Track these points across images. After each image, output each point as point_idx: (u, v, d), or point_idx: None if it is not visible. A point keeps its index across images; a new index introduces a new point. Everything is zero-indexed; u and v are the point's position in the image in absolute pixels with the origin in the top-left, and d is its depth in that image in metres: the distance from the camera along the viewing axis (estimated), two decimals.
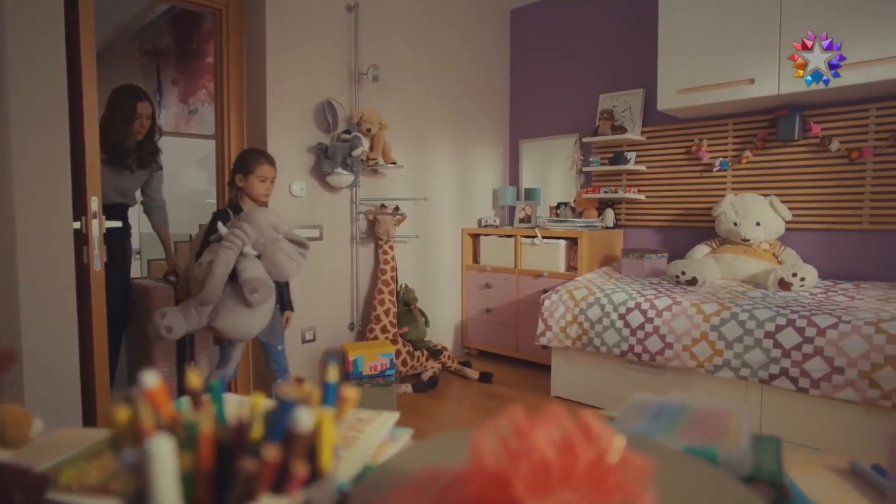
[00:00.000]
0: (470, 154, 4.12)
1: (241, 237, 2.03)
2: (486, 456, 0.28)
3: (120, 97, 2.60)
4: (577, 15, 3.98)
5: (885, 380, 2.04)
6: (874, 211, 2.86)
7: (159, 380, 0.32)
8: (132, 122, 2.59)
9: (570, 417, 0.31)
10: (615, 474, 0.28)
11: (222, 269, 1.98)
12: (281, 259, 2.08)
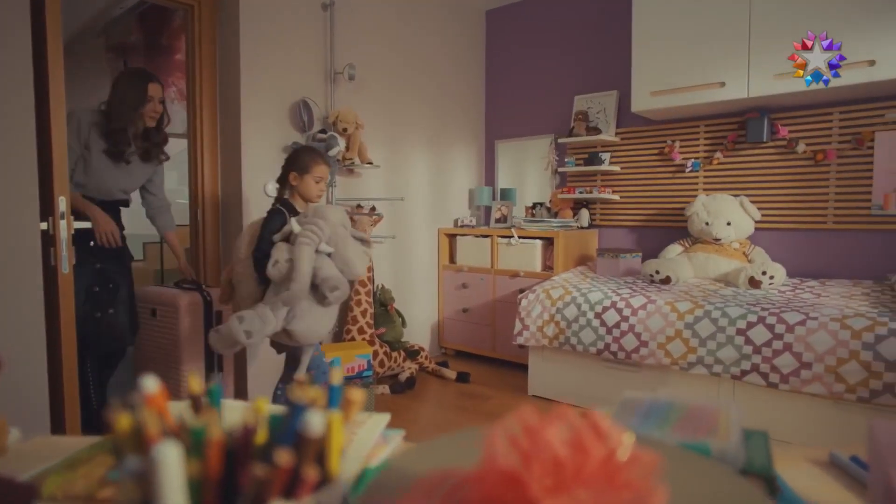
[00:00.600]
0: (446, 154, 4.12)
1: (318, 234, 1.93)
2: (500, 455, 0.28)
3: (128, 80, 2.37)
4: (552, 17, 4.02)
5: (849, 374, 2.11)
6: (838, 211, 2.96)
7: (159, 385, 0.31)
8: (142, 106, 2.35)
9: (578, 416, 0.31)
10: (626, 471, 0.29)
11: (308, 265, 1.88)
12: (352, 257, 2.00)
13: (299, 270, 1.86)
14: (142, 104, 2.34)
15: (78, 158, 2.29)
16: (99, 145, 2.31)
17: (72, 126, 2.22)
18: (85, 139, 2.29)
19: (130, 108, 2.32)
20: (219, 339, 1.93)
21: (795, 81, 2.70)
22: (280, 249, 1.96)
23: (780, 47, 2.72)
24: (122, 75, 2.42)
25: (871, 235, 2.89)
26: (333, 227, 1.99)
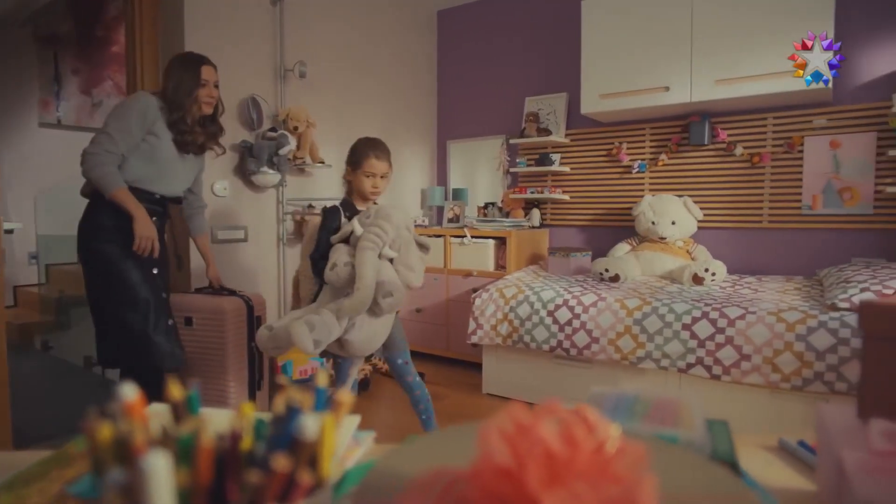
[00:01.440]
0: (398, 154, 4.09)
1: (381, 237, 1.78)
2: (495, 452, 0.28)
3: (180, 63, 2.14)
4: (503, 19, 4.07)
5: (784, 364, 2.23)
6: (772, 211, 3.13)
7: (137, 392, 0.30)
8: (196, 90, 2.11)
9: (567, 410, 0.32)
10: (615, 463, 0.29)
11: (372, 272, 1.73)
12: (416, 263, 1.85)
13: (362, 277, 1.72)
14: (196, 88, 2.11)
15: (135, 146, 2.03)
16: (167, 134, 2.09)
17: (136, 107, 2.02)
18: (150, 125, 2.05)
19: (185, 93, 2.09)
20: (270, 338, 1.78)
21: (734, 87, 2.84)
22: (339, 252, 1.82)
23: (721, 55, 2.85)
24: (174, 59, 2.18)
25: (802, 234, 3.07)
26: (398, 230, 1.84)
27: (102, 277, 2.01)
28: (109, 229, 1.99)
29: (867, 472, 0.44)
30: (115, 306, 2.01)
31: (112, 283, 2.00)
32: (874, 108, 2.83)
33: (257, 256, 3.14)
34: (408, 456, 0.36)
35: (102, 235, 2.00)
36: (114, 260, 1.99)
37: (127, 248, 1.98)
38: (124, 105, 2.03)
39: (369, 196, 2.03)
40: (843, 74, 2.86)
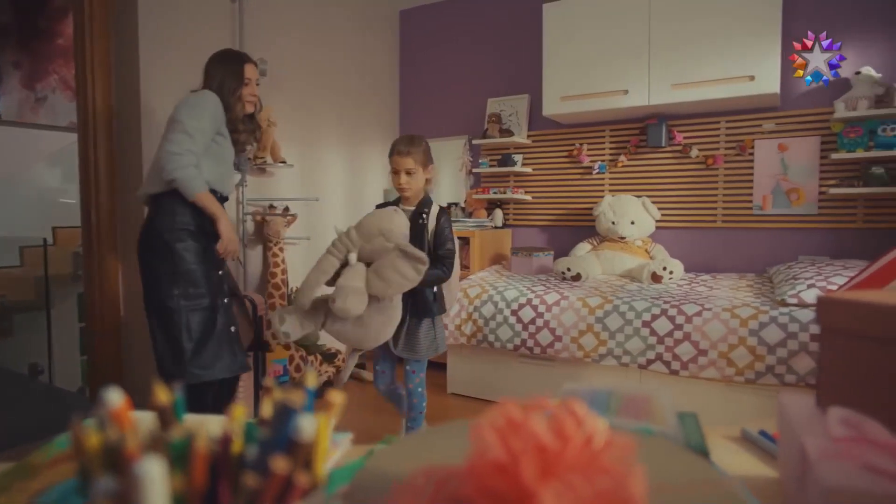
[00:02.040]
0: (361, 153, 4.07)
1: (345, 244, 1.82)
2: (490, 447, 0.29)
3: (221, 62, 2.10)
4: (466, 20, 4.09)
5: (738, 359, 2.32)
6: (726, 211, 3.25)
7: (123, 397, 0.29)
8: (239, 89, 2.08)
9: (556, 405, 0.32)
10: (604, 455, 0.30)
11: (315, 275, 1.80)
12: (388, 273, 1.80)
13: (305, 279, 1.81)
14: (240, 87, 2.08)
15: (206, 147, 1.98)
16: (227, 133, 2.08)
17: (210, 107, 1.97)
18: (219, 125, 2.02)
19: (230, 92, 2.05)
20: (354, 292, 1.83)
21: (690, 92, 2.94)
22: None
23: (677, 60, 2.95)
24: (214, 58, 2.13)
25: (753, 233, 3.20)
26: (369, 237, 1.83)
27: (172, 277, 1.94)
28: (188, 230, 1.96)
29: (828, 457, 0.46)
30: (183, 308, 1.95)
31: (180, 282, 1.94)
32: (818, 113, 2.98)
33: None
34: (396, 455, 0.36)
35: (181, 236, 1.95)
36: (189, 260, 1.95)
37: (201, 250, 1.98)
38: (197, 104, 1.96)
39: (398, 191, 2.05)
40: (790, 81, 2.99)
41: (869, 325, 0.53)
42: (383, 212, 1.89)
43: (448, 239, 2.03)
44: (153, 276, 1.97)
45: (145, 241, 1.99)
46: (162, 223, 1.95)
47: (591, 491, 0.27)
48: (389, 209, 1.92)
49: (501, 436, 0.30)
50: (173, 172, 1.87)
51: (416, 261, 1.79)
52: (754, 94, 2.82)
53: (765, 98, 2.88)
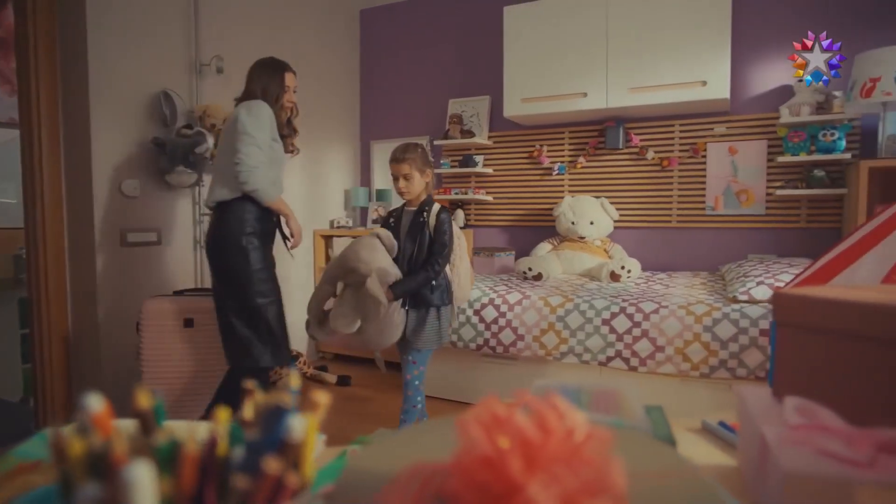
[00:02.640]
0: (321, 154, 4.03)
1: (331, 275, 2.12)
2: (478, 442, 0.29)
3: (263, 70, 2.26)
4: (427, 20, 4.10)
5: (693, 354, 2.40)
6: (680, 211, 3.36)
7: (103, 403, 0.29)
8: (281, 96, 2.25)
9: (537, 399, 0.33)
10: (585, 447, 0.31)
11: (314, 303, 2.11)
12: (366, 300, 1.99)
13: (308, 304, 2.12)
14: (281, 94, 2.26)
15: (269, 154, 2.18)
16: (279, 137, 2.25)
17: (266, 116, 2.15)
18: (274, 132, 2.20)
19: (273, 99, 2.22)
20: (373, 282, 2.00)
21: (646, 95, 3.03)
22: None
23: (634, 65, 3.03)
24: (257, 65, 2.30)
25: (706, 233, 3.32)
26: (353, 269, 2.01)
27: (248, 276, 2.16)
28: (255, 233, 2.17)
29: (786, 444, 0.49)
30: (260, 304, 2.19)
31: (254, 280, 2.17)
32: (765, 118, 3.12)
33: (172, 260, 2.97)
34: (380, 454, 0.37)
35: (251, 238, 2.16)
36: (258, 259, 2.18)
37: (264, 250, 2.22)
38: (259, 115, 2.12)
39: (399, 196, 2.17)
40: (739, 87, 3.12)
41: (822, 318, 0.56)
42: (363, 243, 2.04)
43: (443, 234, 2.10)
44: (229, 275, 2.17)
45: (218, 244, 2.17)
46: (234, 227, 2.14)
47: (575, 482, 0.28)
48: (371, 239, 2.07)
49: (487, 431, 0.30)
50: (255, 184, 2.09)
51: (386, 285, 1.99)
52: (706, 99, 2.93)
53: (716, 103, 2.99)
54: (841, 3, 2.94)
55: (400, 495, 0.30)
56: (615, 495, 0.29)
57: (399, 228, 2.16)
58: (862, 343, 0.54)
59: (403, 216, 2.19)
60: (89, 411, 0.28)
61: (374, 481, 0.33)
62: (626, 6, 3.05)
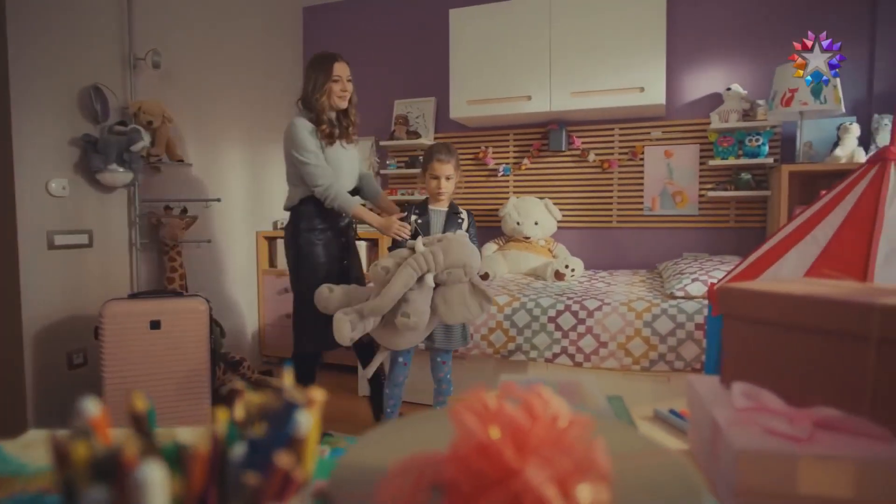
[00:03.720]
0: (264, 153, 3.93)
1: (429, 264, 1.95)
2: (474, 430, 0.31)
3: (314, 63, 2.38)
4: (371, 20, 4.08)
5: (635, 348, 2.51)
6: (620, 212, 3.50)
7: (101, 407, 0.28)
8: (327, 86, 2.34)
9: (523, 389, 0.35)
10: (570, 432, 0.34)
11: (399, 288, 1.93)
12: (456, 303, 1.99)
13: (389, 289, 1.92)
14: (327, 83, 2.33)
15: None
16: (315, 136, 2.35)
17: (302, 132, 2.31)
18: (316, 138, 2.34)
19: (318, 90, 2.33)
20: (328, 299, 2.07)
21: (587, 99, 3.14)
22: (390, 254, 2.05)
23: (576, 70, 3.13)
24: (310, 60, 2.42)
25: (644, 232, 3.47)
26: (452, 265, 1.97)
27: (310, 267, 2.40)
28: (320, 230, 2.42)
29: (735, 425, 0.53)
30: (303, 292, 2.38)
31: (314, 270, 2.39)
32: (697, 123, 3.29)
33: (105, 264, 2.83)
34: (372, 447, 0.37)
35: (317, 234, 2.41)
36: (320, 254, 2.41)
37: (326, 244, 2.43)
38: (295, 135, 2.31)
39: (434, 197, 2.25)
40: (674, 94, 3.28)
41: (764, 310, 0.61)
42: (469, 246, 2.06)
43: (475, 240, 2.28)
44: (297, 265, 2.44)
45: (292, 240, 2.45)
46: (303, 226, 2.41)
47: (566, 463, 0.30)
48: (470, 243, 2.10)
49: (480, 420, 0.32)
50: (333, 202, 2.34)
51: (485, 299, 2.02)
52: (644, 105, 3.07)
53: (653, 108, 3.14)
54: (764, 20, 3.15)
55: (396, 486, 0.31)
56: (600, 474, 0.31)
57: (428, 227, 2.22)
58: (797, 331, 0.59)
59: (432, 215, 2.25)
60: (87, 416, 0.27)
61: (368, 475, 0.34)
62: (568, 13, 3.14)
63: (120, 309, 2.40)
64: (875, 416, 0.52)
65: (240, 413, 0.34)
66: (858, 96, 2.98)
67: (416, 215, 2.27)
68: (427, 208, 2.28)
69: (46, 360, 2.55)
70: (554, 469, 0.30)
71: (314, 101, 2.34)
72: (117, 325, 2.38)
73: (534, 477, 0.29)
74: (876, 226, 1.52)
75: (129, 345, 2.39)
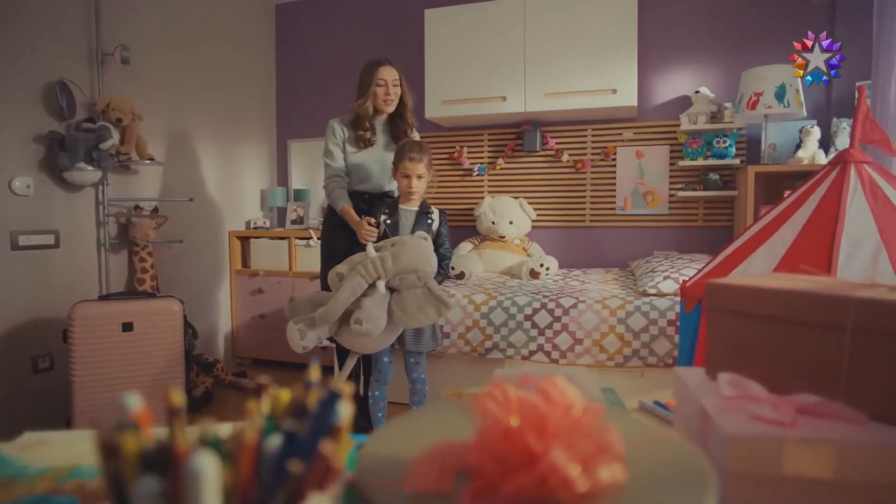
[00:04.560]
0: (236, 152, 3.88)
1: (378, 270, 1.94)
2: (498, 418, 0.32)
3: (365, 68, 2.43)
4: (346, 19, 4.06)
5: (609, 345, 2.57)
6: (593, 211, 3.57)
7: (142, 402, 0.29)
8: (366, 91, 2.38)
9: (540, 379, 0.37)
10: (585, 418, 0.35)
11: (347, 296, 1.92)
12: (412, 309, 1.96)
13: (336, 297, 1.91)
14: (371, 88, 2.37)
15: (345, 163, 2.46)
16: (353, 144, 2.44)
17: (328, 135, 2.47)
18: (342, 142, 2.45)
19: (362, 94, 2.39)
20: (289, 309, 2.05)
21: (561, 101, 3.19)
22: (346, 262, 2.02)
23: (550, 71, 3.18)
24: (364, 65, 2.46)
25: (616, 231, 3.55)
26: (404, 270, 1.96)
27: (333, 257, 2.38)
28: (340, 226, 2.44)
29: (723, 412, 0.56)
30: None
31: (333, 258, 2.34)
32: (667, 125, 3.38)
33: (73, 265, 2.75)
34: (388, 440, 0.39)
35: (342, 229, 2.43)
36: (342, 246, 2.41)
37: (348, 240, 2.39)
38: (326, 136, 2.49)
39: (406, 195, 2.24)
40: (645, 96, 3.36)
41: (748, 305, 0.64)
42: (423, 250, 2.02)
43: (447, 240, 2.30)
44: (324, 256, 2.56)
45: (323, 235, 2.60)
46: (333, 223, 2.51)
47: (587, 446, 0.32)
48: (427, 246, 2.06)
49: (504, 409, 0.34)
50: (327, 197, 2.52)
51: (441, 303, 1.97)
52: (616, 106, 3.14)
53: (625, 110, 3.21)
54: (732, 25, 3.25)
55: (424, 472, 0.33)
56: (616, 455, 0.33)
57: (398, 227, 2.21)
58: (779, 324, 0.63)
59: (402, 215, 2.24)
60: (130, 411, 0.28)
61: (392, 464, 0.35)
62: (542, 15, 3.19)
63: (90, 311, 2.34)
64: (850, 401, 0.55)
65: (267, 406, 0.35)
66: (818, 101, 3.10)
67: (385, 215, 2.25)
68: (397, 208, 2.26)
69: (9, 365, 2.47)
70: (576, 451, 0.31)
71: (357, 104, 2.41)
72: (88, 327, 2.32)
73: (559, 459, 0.30)
74: (838, 224, 1.60)
75: (100, 347, 2.34)
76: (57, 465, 0.51)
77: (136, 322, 2.40)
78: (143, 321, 2.41)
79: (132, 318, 2.40)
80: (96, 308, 2.36)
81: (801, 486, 0.50)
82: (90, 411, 2.28)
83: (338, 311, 1.93)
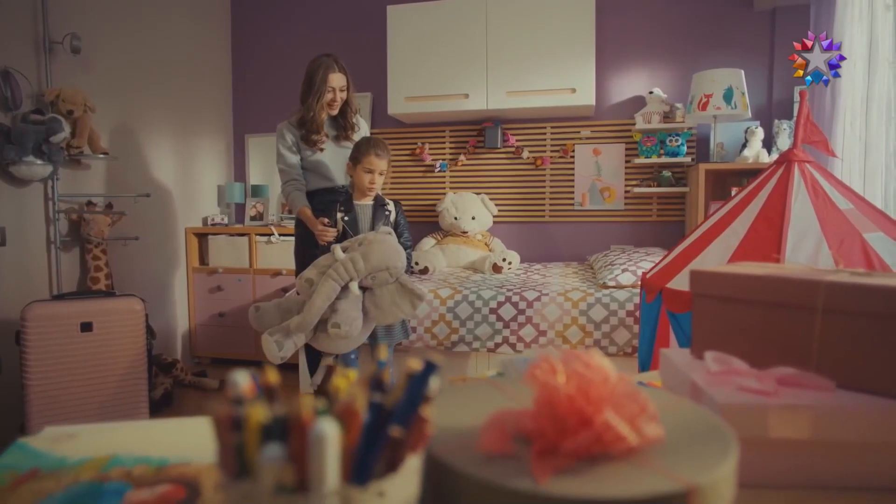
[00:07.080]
0: (192, 147, 3.78)
1: (349, 272, 1.93)
2: (554, 387, 0.37)
3: (310, 66, 2.44)
4: (306, 11, 4.01)
5: (572, 336, 2.66)
6: (552, 207, 3.67)
7: (249, 378, 0.32)
8: (318, 94, 2.38)
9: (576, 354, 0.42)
10: (620, 385, 0.40)
11: (322, 302, 1.90)
12: (386, 305, 1.98)
13: (311, 304, 1.89)
14: (320, 94, 2.38)
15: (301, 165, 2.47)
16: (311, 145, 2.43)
17: (278, 139, 2.47)
18: (294, 144, 2.45)
19: (310, 94, 2.39)
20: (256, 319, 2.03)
21: (522, 99, 3.27)
22: (315, 263, 2.00)
23: (512, 70, 3.26)
24: (309, 64, 2.47)
25: (575, 226, 3.67)
26: (375, 269, 1.95)
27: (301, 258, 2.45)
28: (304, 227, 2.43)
29: (712, 385, 0.62)
30: None
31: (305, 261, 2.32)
32: (622, 123, 3.52)
33: (20, 264, 2.63)
34: (438, 412, 0.42)
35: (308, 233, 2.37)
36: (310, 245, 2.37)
37: None
38: (277, 141, 2.48)
39: (366, 191, 2.23)
40: (602, 95, 3.48)
41: (730, 289, 0.71)
42: (391, 247, 2.04)
43: (406, 229, 2.35)
44: (298, 261, 2.55)
45: (298, 234, 2.56)
46: (303, 224, 2.43)
47: (633, 407, 0.37)
48: (393, 241, 2.08)
49: (556, 379, 0.38)
50: (285, 200, 2.55)
51: (415, 296, 2.00)
52: (574, 105, 3.24)
53: (583, 108, 3.32)
54: (684, 29, 3.41)
55: (493, 436, 0.37)
56: (652, 415, 0.38)
57: (356, 223, 2.21)
58: (757, 306, 0.70)
59: (359, 210, 2.24)
60: (241, 386, 0.31)
61: (451, 433, 0.39)
62: (504, 15, 3.26)
63: (45, 311, 2.25)
64: (820, 372, 0.62)
65: (331, 387, 0.38)
66: (761, 103, 3.30)
67: (341, 213, 2.24)
68: (353, 204, 2.26)
69: None
70: (624, 412, 0.36)
71: (307, 105, 2.40)
72: (43, 328, 2.23)
73: (612, 419, 0.35)
74: (785, 219, 1.73)
75: (56, 349, 2.25)
76: (94, 455, 0.52)
77: (96, 322, 2.32)
78: (103, 321, 2.34)
79: (91, 318, 2.32)
80: (52, 308, 2.27)
81: (783, 446, 0.57)
82: (48, 415, 2.20)
83: (314, 319, 1.93)
